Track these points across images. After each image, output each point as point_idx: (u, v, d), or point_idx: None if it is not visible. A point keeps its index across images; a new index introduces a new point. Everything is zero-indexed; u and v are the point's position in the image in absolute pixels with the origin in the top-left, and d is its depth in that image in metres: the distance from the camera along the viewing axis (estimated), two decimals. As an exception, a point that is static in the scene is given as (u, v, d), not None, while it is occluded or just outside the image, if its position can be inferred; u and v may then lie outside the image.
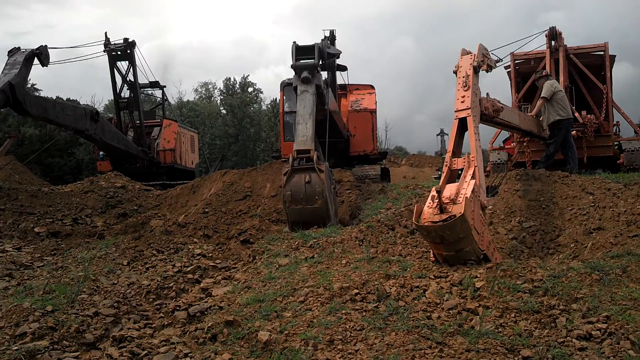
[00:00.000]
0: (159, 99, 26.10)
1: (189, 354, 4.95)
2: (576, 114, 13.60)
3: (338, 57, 16.25)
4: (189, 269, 7.52)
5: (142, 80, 21.95)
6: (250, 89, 54.37)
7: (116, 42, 19.61)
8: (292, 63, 9.89)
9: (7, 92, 12.92)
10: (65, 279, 7.03)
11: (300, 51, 9.89)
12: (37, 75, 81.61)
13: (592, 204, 8.43)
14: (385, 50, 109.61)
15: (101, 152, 21.47)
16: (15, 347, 5.09)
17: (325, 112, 11.39)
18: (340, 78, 17.39)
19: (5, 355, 4.92)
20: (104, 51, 19.40)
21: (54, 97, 16.45)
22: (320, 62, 10.34)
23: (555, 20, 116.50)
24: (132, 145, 19.25)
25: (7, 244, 9.48)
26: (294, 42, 10.04)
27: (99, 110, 16.84)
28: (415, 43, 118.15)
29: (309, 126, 9.21)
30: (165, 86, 24.20)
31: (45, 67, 14.96)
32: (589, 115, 14.01)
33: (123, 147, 18.25)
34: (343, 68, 17.20)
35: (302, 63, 9.79)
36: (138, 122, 20.47)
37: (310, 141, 9.00)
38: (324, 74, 14.64)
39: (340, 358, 4.43)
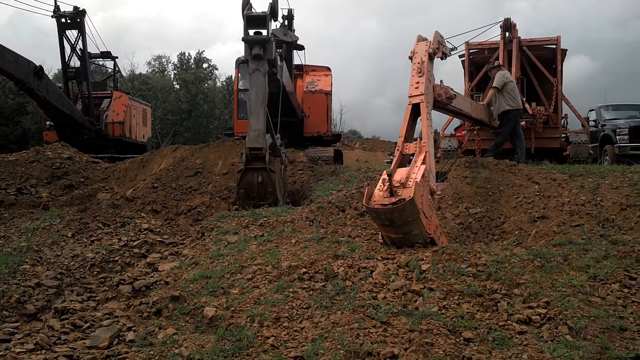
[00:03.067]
0: (110, 70, 25.44)
1: (133, 328, 4.90)
2: (526, 105, 13.89)
3: (295, 43, 16.19)
4: (135, 243, 7.42)
5: (93, 50, 21.37)
6: (205, 65, 53.51)
7: (66, 11, 19.00)
8: (242, 36, 9.43)
9: None
10: (7, 249, 6.86)
11: (251, 22, 9.38)
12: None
13: (538, 193, 8.65)
14: (350, 31, 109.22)
15: (48, 122, 20.86)
16: (-47, 316, 4.97)
17: (278, 83, 11.30)
18: (298, 58, 17.36)
19: (-59, 325, 4.79)
20: (52, 17, 18.79)
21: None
22: (273, 21, 9.91)
23: (520, 9, 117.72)
24: (77, 112, 18.64)
25: (-54, 211, 9.16)
26: (245, 9, 9.45)
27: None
28: (379, 25, 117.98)
29: (261, 118, 9.20)
30: (117, 57, 23.58)
31: None
32: (538, 107, 14.34)
33: (68, 111, 17.58)
34: (300, 47, 17.13)
35: (254, 38, 9.36)
36: (87, 92, 19.93)
37: (263, 137, 9.07)
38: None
39: (285, 335, 4.46)
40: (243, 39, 9.32)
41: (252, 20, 9.27)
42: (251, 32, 9.45)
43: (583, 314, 4.52)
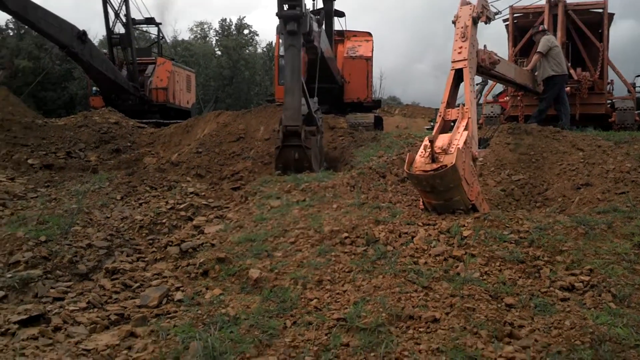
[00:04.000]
0: (154, 36, 25.68)
1: (181, 288, 5.09)
2: (571, 71, 13.57)
3: (341, 15, 16.05)
4: (181, 206, 7.62)
5: (137, 16, 21.57)
6: (246, 31, 53.46)
7: None
8: (276, 11, 9.32)
9: None
10: (58, 211, 7.10)
11: None
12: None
13: (582, 160, 8.52)
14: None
15: (94, 88, 21.23)
16: (9, 275, 5.21)
17: (315, 50, 11.30)
18: (338, 24, 17.22)
19: (-1, 282, 5.04)
20: None
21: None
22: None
23: None
24: (122, 78, 18.91)
25: (0, 174, 9.50)
26: None
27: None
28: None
29: (296, 96, 9.31)
30: (160, 23, 23.79)
31: None
32: (583, 73, 13.99)
33: (112, 76, 17.90)
34: (340, 14, 16.98)
35: (288, 13, 9.24)
36: (131, 59, 20.19)
37: (298, 115, 9.26)
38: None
39: (328, 297, 4.56)
40: (277, 14, 9.28)
41: None
42: (285, 6, 9.34)
43: (627, 282, 4.48)
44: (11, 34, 40.85)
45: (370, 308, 4.26)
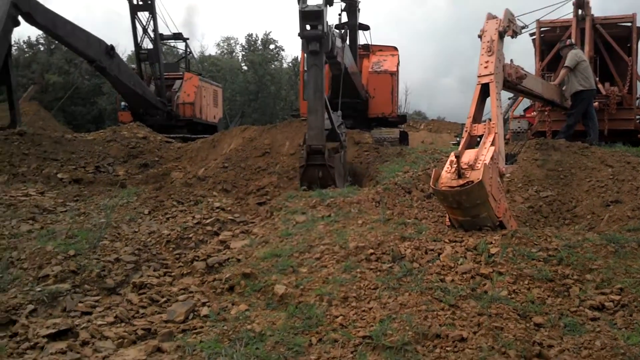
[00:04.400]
0: (181, 51, 26.00)
1: (207, 303, 5.11)
2: (599, 85, 13.41)
3: (358, 5, 16.05)
4: (208, 221, 7.66)
5: (165, 31, 21.88)
6: (272, 46, 53.91)
7: None
8: (299, 32, 9.38)
9: (13, 14, 12.85)
10: (87, 225, 7.19)
11: (306, 17, 9.26)
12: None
13: (611, 177, 8.41)
14: (417, 9, 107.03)
15: (123, 103, 21.53)
16: (39, 289, 5.28)
17: (339, 65, 11.39)
18: (363, 38, 17.28)
19: (28, 296, 5.10)
20: None
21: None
22: (329, 6, 9.76)
23: None
24: (149, 92, 19.10)
25: (30, 188, 9.64)
26: (301, 6, 9.26)
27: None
28: (448, 2, 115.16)
29: (319, 116, 9.41)
30: (188, 39, 24.08)
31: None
32: (612, 87, 13.83)
33: (140, 91, 18.10)
34: (365, 27, 17.04)
35: (310, 34, 9.29)
36: (159, 74, 20.45)
37: (322, 135, 9.39)
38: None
39: (353, 315, 4.54)
40: (299, 35, 9.37)
41: (307, 15, 9.19)
42: (307, 26, 9.39)
43: (659, 302, 4.41)
44: (42, 49, 41.72)
45: (396, 326, 4.23)
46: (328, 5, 9.68)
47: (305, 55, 16.40)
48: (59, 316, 4.87)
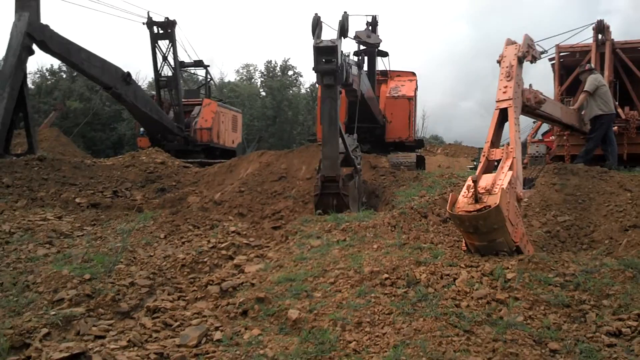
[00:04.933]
0: (201, 78, 26.31)
1: (220, 328, 5.09)
2: (619, 110, 13.31)
3: (378, 47, 16.24)
4: (223, 245, 7.67)
5: (187, 59, 22.19)
6: (290, 72, 54.43)
7: (157, 21, 19.84)
8: (313, 66, 9.47)
9: (27, 43, 13.13)
10: (103, 249, 7.24)
11: (320, 53, 9.38)
12: (84, 44, 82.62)
13: (630, 201, 8.31)
14: (438, 34, 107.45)
15: (141, 129, 21.78)
16: (53, 312, 5.31)
17: (355, 93, 11.49)
18: (382, 64, 17.38)
19: (42, 320, 5.13)
20: (143, 24, 19.63)
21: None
22: (342, 38, 9.82)
23: (618, 8, 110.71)
24: (166, 118, 19.30)
25: (48, 212, 9.75)
26: (314, 34, 9.50)
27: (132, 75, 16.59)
28: (468, 27, 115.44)
29: (334, 146, 9.58)
30: (209, 65, 24.36)
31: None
32: (632, 112, 13.70)
33: (156, 117, 18.28)
34: (384, 54, 17.16)
35: (324, 68, 9.39)
36: (177, 100, 20.70)
37: (336, 164, 9.61)
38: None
39: (367, 340, 4.50)
40: (314, 69, 9.50)
41: (322, 51, 9.32)
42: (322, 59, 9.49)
43: (678, 329, 4.32)
44: (64, 76, 42.46)
45: (410, 352, 4.19)
46: (342, 38, 9.76)
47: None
48: (73, 340, 4.89)
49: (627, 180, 9.06)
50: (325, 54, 9.31)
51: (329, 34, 9.67)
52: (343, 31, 9.70)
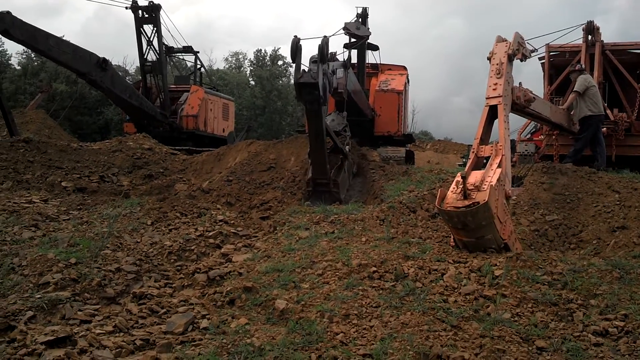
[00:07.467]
0: (190, 64, 26.04)
1: (207, 316, 5.07)
2: (608, 111, 13.39)
3: (367, 39, 16.15)
4: (210, 233, 7.63)
5: (175, 44, 21.96)
6: (280, 62, 54.13)
7: (141, 5, 19.59)
8: (296, 97, 9.72)
9: None
10: (89, 234, 7.17)
11: (302, 87, 9.25)
12: (71, 30, 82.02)
13: (618, 203, 8.36)
14: (430, 29, 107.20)
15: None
16: (38, 296, 5.26)
17: (341, 95, 11.57)
18: (372, 57, 17.33)
19: (28, 302, 5.08)
20: (127, 8, 19.38)
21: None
22: (322, 64, 9.61)
23: (617, 7, 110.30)
24: (147, 104, 18.87)
25: (34, 195, 9.63)
26: (296, 77, 9.29)
27: (108, 60, 16.18)
28: (462, 23, 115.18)
29: (321, 154, 10.12)
30: (198, 52, 24.05)
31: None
32: (620, 114, 13.79)
33: (136, 103, 17.93)
34: (374, 47, 17.10)
35: (308, 98, 9.33)
36: (162, 86, 20.46)
37: (325, 168, 10.27)
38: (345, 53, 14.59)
39: (354, 332, 4.50)
40: (297, 99, 9.95)
41: (303, 86, 9.22)
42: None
43: (664, 330, 4.35)
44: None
45: (397, 345, 4.19)
46: (322, 63, 9.53)
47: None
48: (58, 324, 4.85)
49: (615, 182, 9.11)
50: (307, 90, 9.28)
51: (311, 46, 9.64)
52: (322, 57, 9.52)
